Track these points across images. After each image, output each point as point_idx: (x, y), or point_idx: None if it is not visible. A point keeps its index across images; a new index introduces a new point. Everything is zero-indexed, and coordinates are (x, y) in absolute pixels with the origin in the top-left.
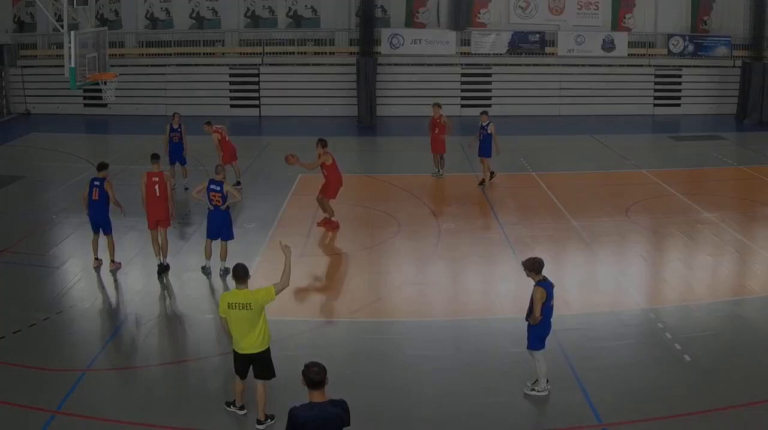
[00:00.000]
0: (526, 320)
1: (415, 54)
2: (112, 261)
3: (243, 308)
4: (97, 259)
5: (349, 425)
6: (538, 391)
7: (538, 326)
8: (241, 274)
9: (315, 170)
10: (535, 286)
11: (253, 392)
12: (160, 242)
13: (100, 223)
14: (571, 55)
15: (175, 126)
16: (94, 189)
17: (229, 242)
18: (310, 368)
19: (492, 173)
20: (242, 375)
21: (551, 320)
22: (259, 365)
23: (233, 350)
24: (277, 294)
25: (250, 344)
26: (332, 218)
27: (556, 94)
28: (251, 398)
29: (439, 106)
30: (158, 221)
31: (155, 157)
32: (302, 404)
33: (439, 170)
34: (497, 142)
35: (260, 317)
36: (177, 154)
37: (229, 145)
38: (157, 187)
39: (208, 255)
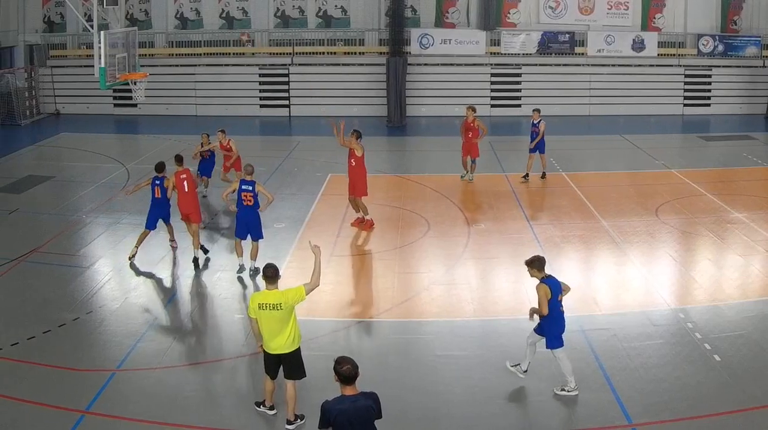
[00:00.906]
0: (531, 319)
1: (444, 54)
2: (173, 240)
3: (273, 308)
4: (136, 248)
5: (380, 417)
6: (568, 391)
7: (552, 323)
8: (271, 274)
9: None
10: (538, 283)
11: (283, 393)
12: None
13: (164, 217)
14: (600, 55)
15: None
16: (156, 187)
17: (259, 241)
18: (343, 366)
19: (543, 173)
20: (272, 375)
21: (563, 315)
22: (290, 365)
23: (263, 350)
24: (307, 294)
25: (280, 345)
26: (366, 217)
27: (585, 94)
28: (281, 398)
29: (472, 109)
30: (188, 214)
31: (179, 158)
32: (334, 397)
33: (467, 173)
34: (541, 138)
35: (290, 318)
36: (206, 168)
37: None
38: (185, 183)
39: (240, 253)
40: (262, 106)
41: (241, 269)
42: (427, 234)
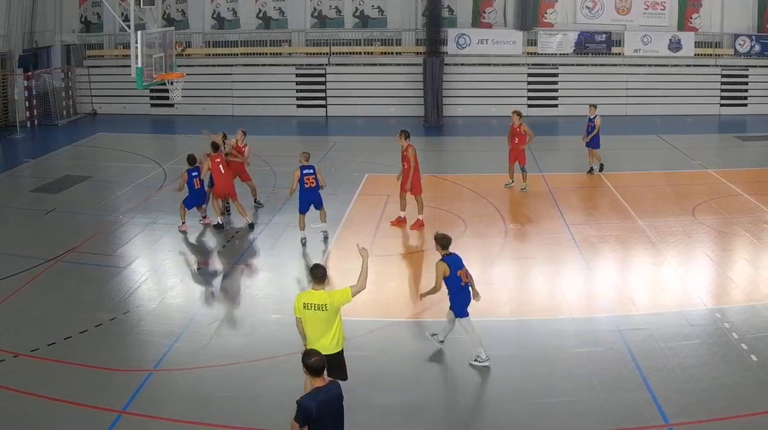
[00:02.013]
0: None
1: (481, 54)
2: (204, 217)
3: (319, 309)
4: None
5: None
6: (480, 361)
7: (453, 296)
8: (320, 275)
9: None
10: (438, 261)
11: None
12: (222, 205)
13: (201, 203)
14: (637, 55)
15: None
16: (195, 179)
17: (300, 241)
18: (311, 358)
19: (601, 165)
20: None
21: (464, 288)
22: (333, 366)
23: (306, 349)
24: (353, 296)
25: (324, 346)
26: (401, 215)
27: (622, 94)
28: None
29: (518, 113)
30: (227, 193)
31: (215, 145)
32: (308, 393)
33: (512, 181)
34: (597, 133)
35: (335, 319)
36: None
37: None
38: (221, 166)
39: (303, 226)
40: (298, 106)
41: (303, 241)
42: (464, 234)
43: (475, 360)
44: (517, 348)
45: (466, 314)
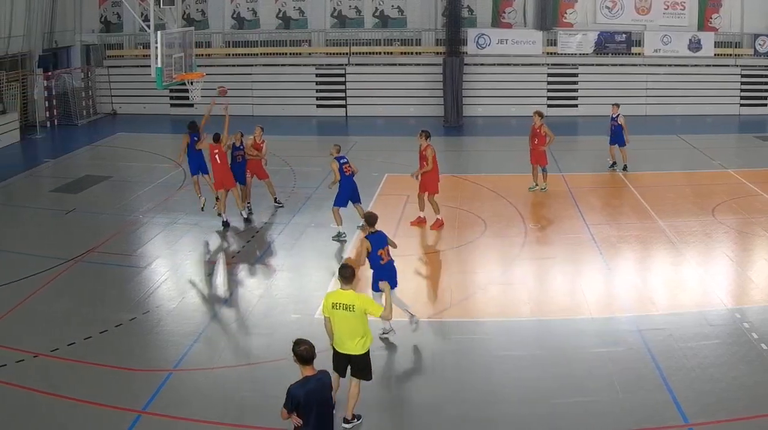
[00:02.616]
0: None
1: (501, 54)
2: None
3: (346, 309)
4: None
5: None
6: (386, 331)
7: (374, 270)
8: (348, 275)
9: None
10: (362, 238)
11: (345, 390)
12: (225, 199)
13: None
14: (657, 55)
15: (238, 144)
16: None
17: (340, 238)
18: (301, 346)
19: (625, 166)
20: (341, 373)
21: (384, 265)
22: (358, 366)
23: (333, 348)
24: (382, 316)
25: (350, 345)
26: (420, 215)
27: (642, 95)
28: (341, 398)
29: (539, 114)
30: (223, 183)
31: (217, 136)
32: (298, 381)
33: (536, 184)
34: (626, 132)
35: (362, 320)
36: (240, 174)
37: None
38: (217, 156)
39: (340, 222)
40: (318, 106)
41: (340, 236)
42: (484, 234)
43: (383, 332)
44: (537, 348)
45: (379, 290)
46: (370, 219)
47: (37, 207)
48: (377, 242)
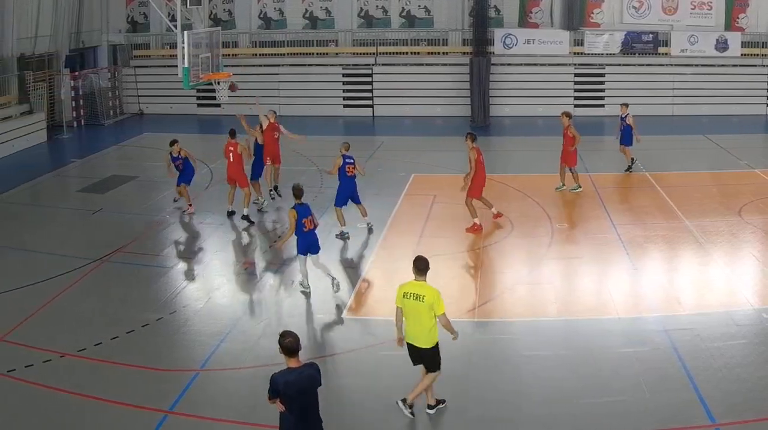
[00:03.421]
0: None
1: (528, 54)
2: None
3: (416, 298)
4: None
5: (321, 385)
6: (304, 287)
7: (298, 237)
8: (421, 266)
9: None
10: (290, 208)
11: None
12: (233, 192)
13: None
14: (684, 55)
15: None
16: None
17: (342, 237)
18: (286, 338)
19: (632, 159)
20: (415, 362)
21: (306, 233)
22: (426, 359)
23: (403, 341)
24: (439, 318)
25: (418, 336)
26: (475, 220)
27: (669, 94)
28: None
29: (567, 115)
30: (234, 179)
31: (232, 132)
32: (281, 370)
33: (562, 184)
34: (636, 131)
35: (431, 314)
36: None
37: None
38: (231, 154)
39: (343, 222)
40: (345, 106)
41: (344, 235)
42: (511, 234)
43: (300, 284)
44: (563, 348)
45: (304, 253)
46: (297, 191)
47: (64, 207)
48: (302, 212)
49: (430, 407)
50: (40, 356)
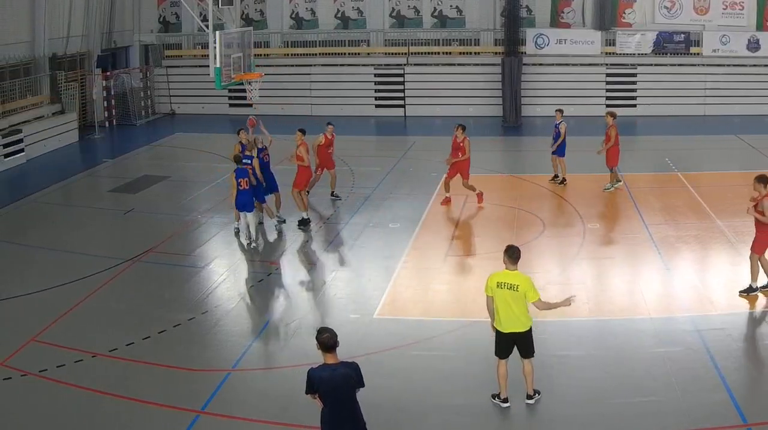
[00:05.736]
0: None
1: (560, 54)
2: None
3: (510, 288)
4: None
5: (362, 385)
6: (249, 241)
7: (237, 194)
8: (514, 255)
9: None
10: (232, 170)
11: (520, 370)
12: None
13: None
14: (716, 55)
15: (260, 146)
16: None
17: (379, 240)
18: (323, 334)
19: (563, 179)
20: (503, 355)
21: (241, 191)
22: (522, 343)
23: (496, 330)
24: (536, 304)
25: (514, 324)
26: (476, 191)
27: (701, 94)
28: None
29: (611, 115)
30: (244, 206)
31: (237, 157)
32: (318, 365)
33: (611, 184)
34: (562, 140)
35: (523, 301)
36: (268, 178)
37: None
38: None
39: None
40: (377, 106)
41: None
42: (543, 234)
43: (248, 239)
44: (595, 348)
45: (242, 209)
46: (237, 160)
47: (95, 207)
48: (240, 173)
49: (529, 397)
50: (71, 356)
